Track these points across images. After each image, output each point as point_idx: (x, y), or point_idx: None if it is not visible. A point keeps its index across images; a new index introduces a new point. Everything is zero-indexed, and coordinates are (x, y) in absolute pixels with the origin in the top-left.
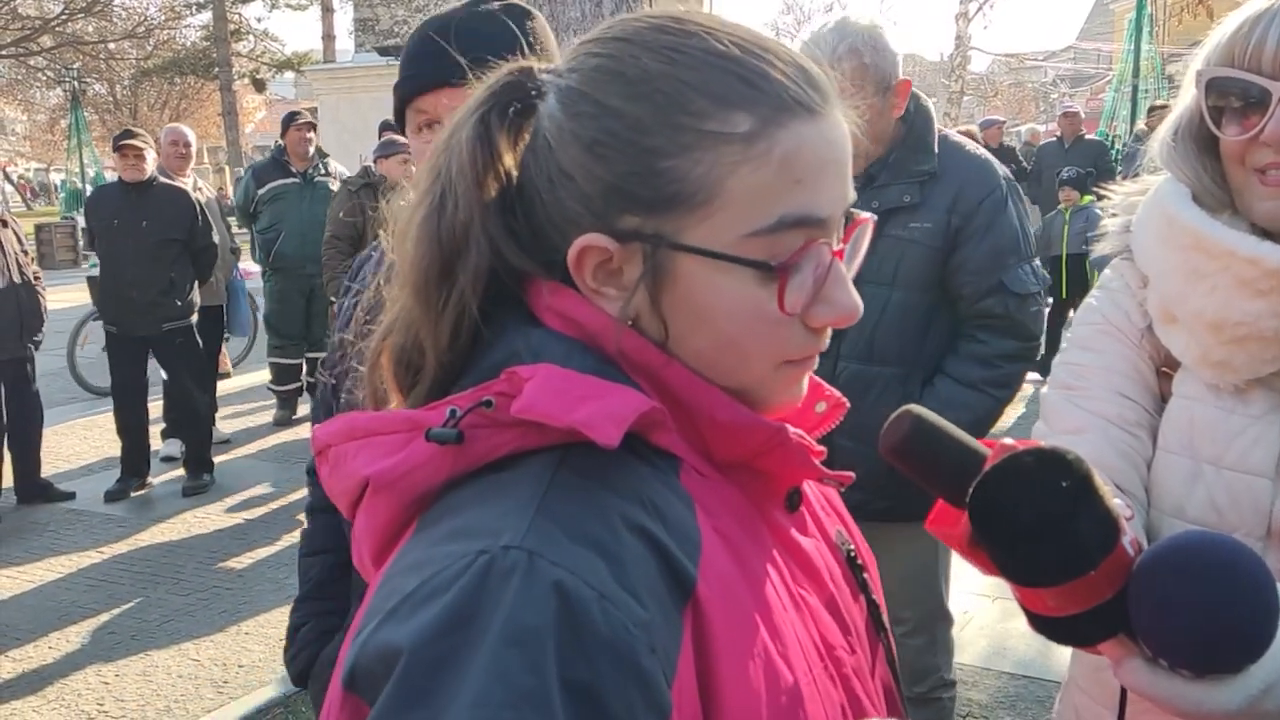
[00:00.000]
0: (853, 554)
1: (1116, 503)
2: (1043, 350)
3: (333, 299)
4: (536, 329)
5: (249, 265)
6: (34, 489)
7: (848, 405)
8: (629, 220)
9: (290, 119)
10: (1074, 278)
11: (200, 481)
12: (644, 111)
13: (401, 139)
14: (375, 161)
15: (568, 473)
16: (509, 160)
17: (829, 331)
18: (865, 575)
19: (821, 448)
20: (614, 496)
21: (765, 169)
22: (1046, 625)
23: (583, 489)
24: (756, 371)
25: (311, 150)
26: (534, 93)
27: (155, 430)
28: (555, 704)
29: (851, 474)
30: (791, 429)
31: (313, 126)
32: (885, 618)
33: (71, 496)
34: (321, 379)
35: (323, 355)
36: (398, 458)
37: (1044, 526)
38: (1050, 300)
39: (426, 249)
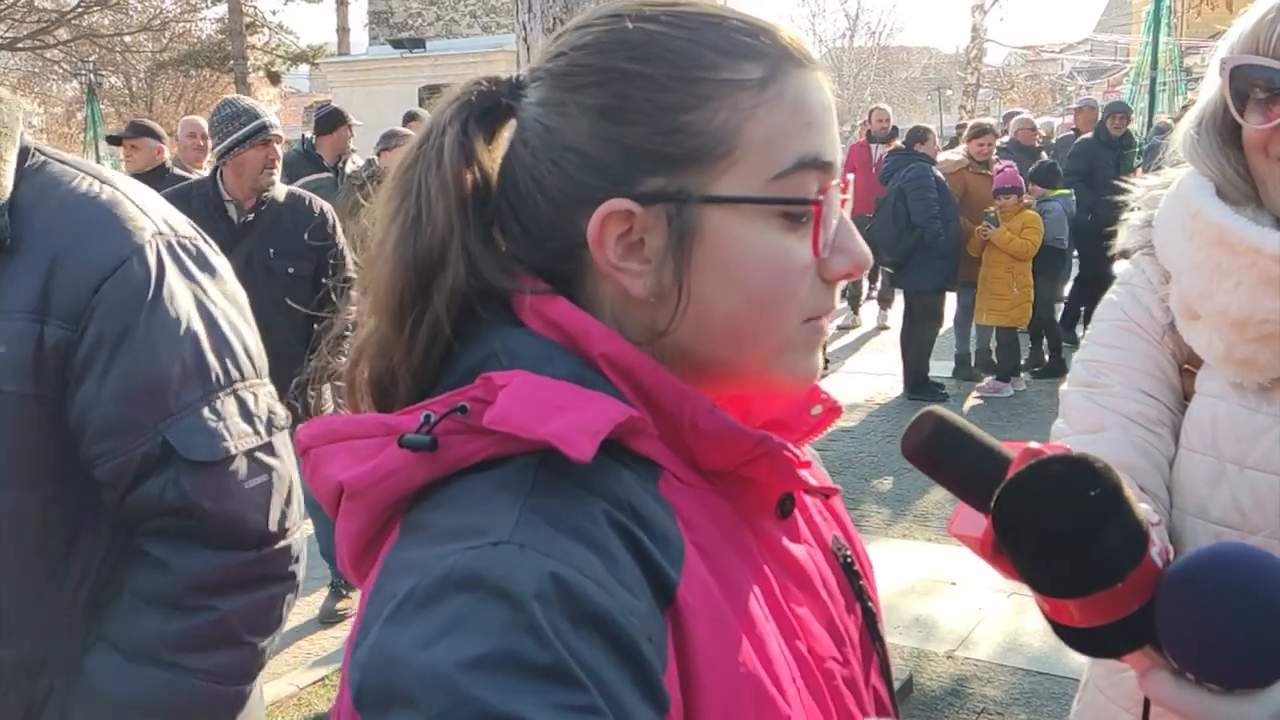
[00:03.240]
0: (849, 560)
1: (1144, 508)
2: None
3: None
4: (514, 330)
5: None
6: None
7: (842, 409)
8: (652, 182)
9: (341, 117)
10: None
11: None
12: (656, 70)
13: (404, 131)
14: (378, 154)
15: (548, 473)
16: (489, 168)
17: (837, 291)
18: (862, 582)
19: (808, 458)
20: (595, 498)
21: (780, 111)
22: (1071, 635)
23: (565, 488)
24: (786, 329)
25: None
26: (513, 92)
27: None
28: (577, 673)
29: (838, 487)
30: (776, 438)
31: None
32: (882, 626)
33: None
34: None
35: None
36: (371, 464)
37: (1070, 538)
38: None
39: (401, 271)
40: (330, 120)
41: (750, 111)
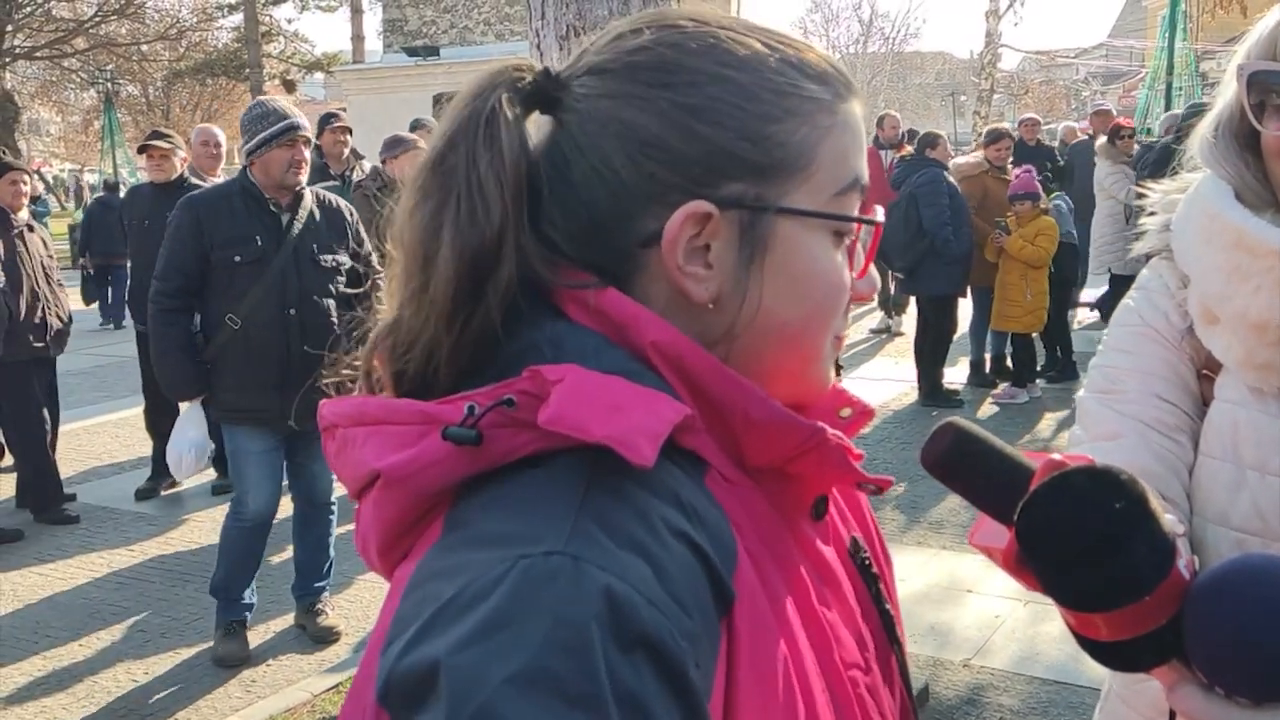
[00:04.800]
0: (867, 562)
1: (1169, 518)
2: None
3: None
4: (558, 320)
5: None
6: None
7: (874, 412)
8: (733, 187)
9: (326, 120)
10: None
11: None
12: (747, 78)
13: (408, 136)
14: (384, 162)
15: (605, 473)
16: (536, 158)
17: (849, 314)
18: (880, 585)
19: (860, 450)
20: (654, 499)
21: (846, 134)
22: (1097, 650)
23: (622, 491)
24: (826, 341)
25: (346, 153)
26: (556, 82)
27: None
28: (610, 709)
29: (891, 478)
30: (830, 429)
31: (348, 130)
32: (900, 630)
33: (72, 498)
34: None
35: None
36: (410, 453)
37: (1096, 551)
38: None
39: (457, 269)
40: (318, 126)
41: (826, 130)
